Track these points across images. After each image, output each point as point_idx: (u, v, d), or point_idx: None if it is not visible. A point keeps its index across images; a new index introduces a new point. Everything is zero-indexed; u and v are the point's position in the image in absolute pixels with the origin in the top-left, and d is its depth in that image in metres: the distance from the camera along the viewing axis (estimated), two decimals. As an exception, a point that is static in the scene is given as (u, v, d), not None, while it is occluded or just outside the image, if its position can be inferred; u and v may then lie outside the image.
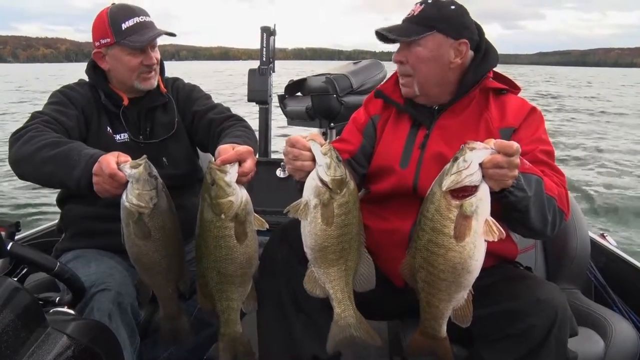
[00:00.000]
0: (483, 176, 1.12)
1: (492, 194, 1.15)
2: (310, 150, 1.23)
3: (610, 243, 2.32)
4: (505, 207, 1.22)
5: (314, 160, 1.22)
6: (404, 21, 1.53)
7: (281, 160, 2.53)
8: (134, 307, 1.49)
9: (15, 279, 1.34)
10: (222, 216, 1.24)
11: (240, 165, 1.26)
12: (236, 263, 1.29)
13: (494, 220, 1.14)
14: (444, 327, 1.27)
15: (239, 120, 1.72)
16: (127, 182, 1.25)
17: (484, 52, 1.52)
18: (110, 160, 1.25)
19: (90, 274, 1.46)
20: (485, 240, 1.15)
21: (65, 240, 1.77)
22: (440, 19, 1.45)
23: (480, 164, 1.11)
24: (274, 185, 2.49)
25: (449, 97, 1.53)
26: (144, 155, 1.27)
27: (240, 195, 1.25)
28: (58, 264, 1.31)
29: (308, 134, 1.26)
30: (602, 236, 2.38)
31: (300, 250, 1.29)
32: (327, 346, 1.32)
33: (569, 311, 1.30)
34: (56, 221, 1.92)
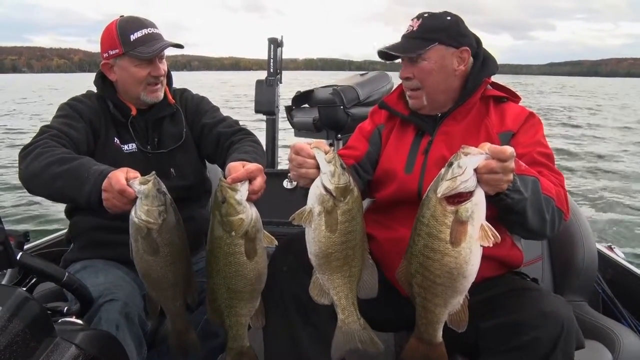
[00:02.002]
0: (478, 181, 1.12)
1: (489, 197, 1.15)
2: (314, 157, 1.23)
3: (618, 255, 2.30)
4: (503, 210, 1.22)
5: (318, 167, 1.23)
6: (404, 37, 1.56)
7: (288, 171, 2.53)
8: (141, 318, 1.50)
9: (24, 289, 1.35)
10: (233, 233, 1.25)
11: (250, 182, 1.27)
12: (246, 279, 1.30)
13: (489, 225, 1.14)
14: (440, 333, 1.27)
15: (248, 134, 1.74)
16: (137, 198, 1.25)
17: (482, 59, 1.57)
18: (120, 177, 1.26)
19: (98, 285, 1.48)
20: (481, 245, 1.15)
21: (73, 250, 1.78)
22: (439, 30, 1.50)
23: (475, 169, 1.11)
24: (280, 197, 2.49)
25: (451, 103, 1.57)
26: (153, 172, 1.28)
27: (251, 213, 1.25)
28: (66, 274, 1.32)
29: (313, 142, 1.27)
30: (610, 248, 2.37)
31: (306, 262, 1.29)
32: (332, 353, 1.32)
33: (575, 324, 1.29)
34: (65, 231, 1.94)
